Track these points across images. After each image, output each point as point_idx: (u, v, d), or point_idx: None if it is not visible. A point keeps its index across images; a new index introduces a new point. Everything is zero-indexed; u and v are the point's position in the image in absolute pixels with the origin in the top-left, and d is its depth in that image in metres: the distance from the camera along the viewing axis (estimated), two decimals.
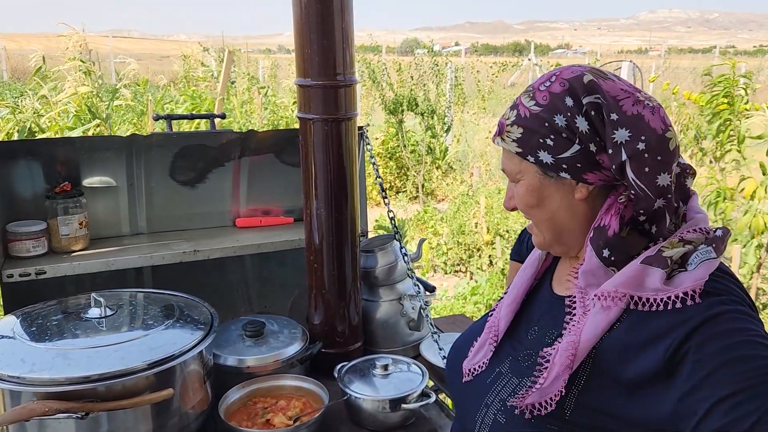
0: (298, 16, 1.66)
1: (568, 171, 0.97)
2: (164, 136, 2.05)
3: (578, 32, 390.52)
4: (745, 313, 0.86)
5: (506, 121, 1.03)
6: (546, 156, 0.98)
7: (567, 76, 0.97)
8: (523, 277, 1.16)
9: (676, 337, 0.85)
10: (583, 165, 0.96)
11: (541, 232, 1.06)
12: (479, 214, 5.88)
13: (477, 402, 1.07)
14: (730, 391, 0.78)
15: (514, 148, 1.01)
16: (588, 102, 0.95)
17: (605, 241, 0.95)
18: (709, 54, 32.46)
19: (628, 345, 0.89)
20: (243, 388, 1.62)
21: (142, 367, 1.34)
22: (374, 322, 1.97)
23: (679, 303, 0.86)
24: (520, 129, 1.00)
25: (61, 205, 1.92)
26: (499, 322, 1.13)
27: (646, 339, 0.88)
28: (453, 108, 9.33)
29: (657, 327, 0.87)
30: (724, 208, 3.91)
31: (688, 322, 0.85)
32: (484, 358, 1.11)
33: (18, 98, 6.79)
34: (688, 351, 0.83)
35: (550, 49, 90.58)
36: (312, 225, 1.79)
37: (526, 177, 1.02)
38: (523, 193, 1.03)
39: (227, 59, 5.80)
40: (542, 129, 0.97)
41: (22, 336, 1.44)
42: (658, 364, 0.85)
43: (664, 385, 0.85)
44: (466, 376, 1.13)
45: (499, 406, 1.02)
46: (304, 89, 1.71)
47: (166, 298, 1.68)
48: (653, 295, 0.89)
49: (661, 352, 0.85)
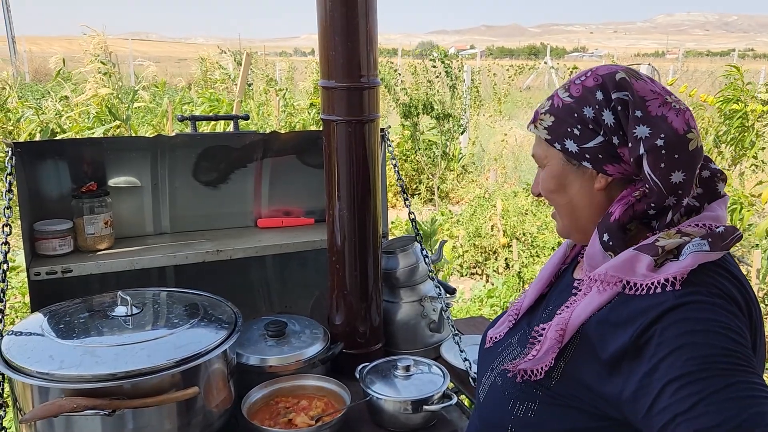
0: (322, 18, 1.67)
1: (590, 161, 1.02)
2: (188, 137, 2.07)
3: (594, 35, 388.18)
4: (719, 306, 0.89)
5: (541, 109, 1.09)
6: (571, 144, 1.03)
7: (602, 72, 1.03)
8: (551, 262, 1.24)
9: (645, 320, 0.89)
10: (605, 156, 1.01)
11: (561, 217, 1.13)
12: (495, 216, 5.86)
13: (487, 366, 1.18)
14: (678, 373, 0.83)
15: (545, 134, 1.07)
16: (616, 97, 0.99)
17: (606, 226, 1.01)
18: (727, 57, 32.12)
19: (607, 324, 0.94)
20: (265, 388, 1.64)
21: (168, 366, 1.35)
22: (395, 323, 1.97)
23: (660, 288, 0.90)
24: (551, 117, 1.06)
25: (86, 204, 1.94)
26: (524, 299, 1.22)
27: (623, 320, 0.92)
28: (469, 111, 9.31)
29: (634, 309, 0.91)
30: (742, 216, 3.87)
31: (659, 306, 0.89)
32: (503, 329, 1.22)
33: (40, 100, 6.89)
34: (654, 334, 0.87)
35: (566, 52, 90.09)
36: (335, 226, 1.80)
37: (551, 163, 1.09)
38: (547, 178, 1.10)
39: (245, 62, 5.83)
40: (571, 119, 1.03)
41: (50, 333, 1.46)
42: (627, 344, 0.89)
43: (632, 365, 0.89)
44: (488, 343, 1.24)
45: (499, 370, 1.12)
46: (328, 91, 1.72)
47: (190, 297, 1.69)
48: (640, 280, 0.93)
49: (630, 333, 0.89)
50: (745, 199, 4.03)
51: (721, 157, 4.92)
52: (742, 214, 3.98)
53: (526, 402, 1.03)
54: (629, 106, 0.98)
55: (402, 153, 8.37)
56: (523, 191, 7.00)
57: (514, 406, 1.05)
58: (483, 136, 9.69)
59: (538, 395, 1.02)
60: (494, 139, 9.56)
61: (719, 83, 5.64)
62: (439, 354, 1.95)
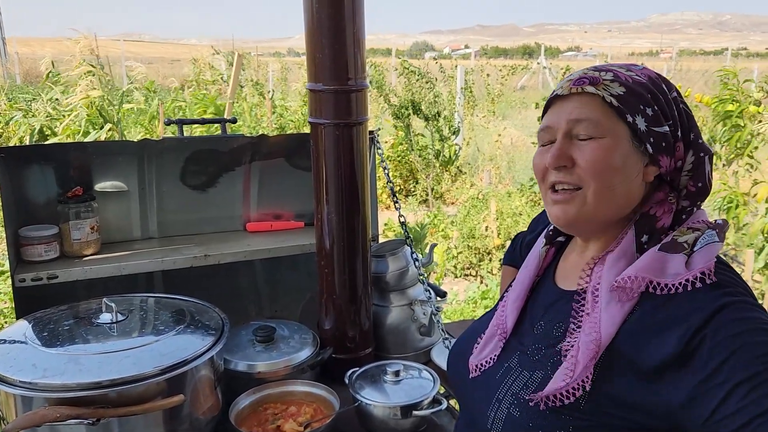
0: (309, 20, 1.66)
1: (653, 145, 0.98)
2: (175, 141, 2.05)
3: (588, 35, 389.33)
4: (752, 303, 0.89)
5: (600, 76, 1.00)
6: (641, 123, 0.97)
7: (650, 72, 1.04)
8: (525, 274, 1.17)
9: (692, 324, 0.86)
10: (666, 146, 0.99)
11: (596, 201, 0.99)
12: (489, 217, 5.86)
13: (488, 397, 1.06)
14: (746, 375, 0.80)
15: (614, 102, 0.98)
16: (674, 96, 1.01)
17: (650, 229, 0.98)
18: (720, 56, 32.26)
19: (642, 331, 0.91)
20: (253, 394, 1.62)
21: (153, 373, 1.34)
22: (385, 327, 1.96)
23: (699, 283, 0.89)
24: (622, 87, 0.98)
25: (73, 209, 1.93)
26: (506, 318, 1.13)
27: (661, 324, 0.90)
28: (462, 111, 9.31)
29: (671, 313, 0.89)
30: (737, 214, 3.88)
31: (702, 309, 0.87)
32: (491, 353, 1.11)
33: (31, 102, 6.85)
34: (705, 338, 0.85)
35: (560, 52, 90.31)
36: (323, 230, 1.79)
37: (615, 136, 0.98)
38: (608, 152, 0.98)
39: (237, 63, 5.81)
40: (646, 96, 0.98)
41: (33, 341, 1.44)
42: (674, 350, 0.86)
43: (680, 372, 0.86)
44: (473, 372, 1.12)
45: (512, 400, 1.01)
46: (315, 94, 1.70)
47: (177, 303, 1.68)
48: (672, 280, 0.91)
49: (677, 338, 0.87)
50: (741, 198, 4.04)
51: (716, 156, 4.93)
52: (737, 212, 3.99)
53: (557, 431, 0.95)
54: (686, 107, 1.01)
55: (396, 154, 8.37)
56: (518, 192, 7.00)
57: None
58: (477, 137, 9.69)
59: (569, 420, 0.94)
60: (488, 139, 9.56)
61: (713, 82, 5.65)
62: (429, 358, 1.93)
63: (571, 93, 1.01)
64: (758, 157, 4.77)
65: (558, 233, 1.18)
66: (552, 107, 1.06)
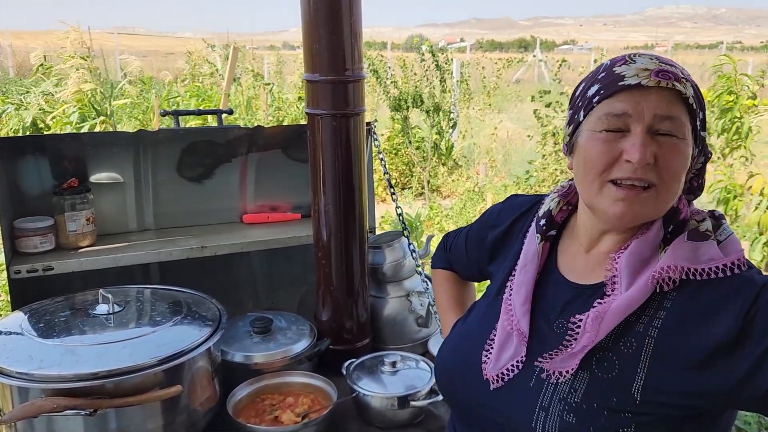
0: (306, 10, 1.65)
1: (698, 145, 1.01)
2: (171, 132, 2.04)
3: (584, 28, 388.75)
4: None
5: (679, 72, 0.97)
6: (699, 125, 1.00)
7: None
8: (526, 275, 1.12)
9: (742, 304, 0.90)
10: (702, 148, 1.03)
11: (666, 200, 0.98)
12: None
13: (527, 407, 1.00)
14: None
15: (693, 103, 0.97)
16: None
17: (675, 221, 1.00)
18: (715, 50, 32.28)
19: (687, 319, 0.93)
20: (251, 385, 1.62)
21: (150, 364, 1.33)
22: (382, 318, 1.96)
23: (737, 269, 0.93)
24: (691, 88, 0.97)
25: (68, 201, 1.92)
26: (518, 322, 1.08)
27: (707, 309, 0.92)
28: (458, 104, 9.31)
29: (716, 296, 0.92)
30: (735, 206, 3.89)
31: (747, 290, 0.91)
32: (513, 359, 1.05)
33: (23, 95, 6.81)
34: (755, 315, 0.88)
35: (556, 45, 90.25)
36: (320, 221, 1.79)
37: (687, 138, 0.97)
38: (684, 154, 0.97)
39: (232, 56, 5.78)
40: (703, 99, 1.01)
41: (30, 332, 1.43)
42: (727, 332, 0.89)
43: (735, 351, 0.89)
44: (495, 383, 1.06)
45: (562, 406, 0.96)
46: (312, 84, 1.70)
47: (174, 295, 1.67)
48: (708, 265, 0.94)
49: (729, 321, 0.89)
50: (739, 189, 4.05)
51: (711, 149, 4.94)
52: (735, 204, 4.01)
53: (620, 430, 0.93)
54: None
55: (393, 147, 8.36)
56: (513, 184, 7.00)
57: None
58: (473, 130, 9.69)
59: (628, 417, 0.92)
60: (484, 132, 9.56)
61: (708, 76, 5.65)
62: (426, 349, 1.93)
63: (659, 86, 0.94)
64: (753, 150, 4.78)
65: (551, 227, 1.14)
66: (625, 94, 0.96)
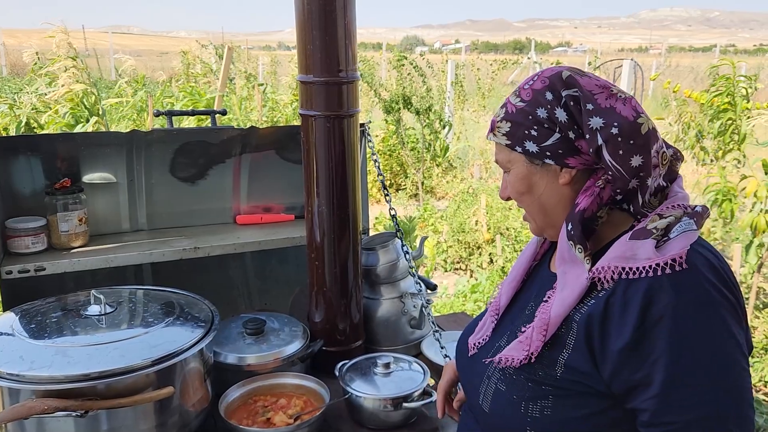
0: (300, 12, 1.65)
1: (551, 157, 1.07)
2: (165, 133, 2.04)
3: (579, 30, 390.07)
4: (705, 302, 0.94)
5: (497, 118, 1.13)
6: (531, 145, 1.08)
7: (547, 74, 1.08)
8: (522, 259, 1.26)
9: (646, 312, 0.94)
10: (564, 151, 1.06)
11: (533, 218, 1.16)
12: (479, 212, 5.87)
13: (480, 375, 1.16)
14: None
15: (504, 141, 1.11)
16: (566, 94, 1.05)
17: (571, 216, 1.06)
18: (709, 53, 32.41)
19: (609, 314, 0.98)
20: (243, 386, 1.62)
21: (142, 365, 1.33)
22: (375, 320, 1.96)
23: (669, 269, 0.94)
24: (508, 123, 1.10)
25: (60, 201, 1.91)
26: (500, 298, 1.24)
27: (622, 309, 0.96)
28: (453, 106, 9.30)
29: (633, 296, 0.95)
30: (728, 208, 3.90)
31: (659, 298, 0.93)
32: (486, 332, 1.22)
33: (16, 94, 6.77)
34: (649, 328, 0.93)
35: (551, 47, 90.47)
36: (313, 222, 1.78)
37: (515, 166, 1.12)
38: (514, 181, 1.13)
39: (227, 56, 5.77)
40: (527, 121, 1.08)
41: (21, 333, 1.43)
42: (629, 337, 0.94)
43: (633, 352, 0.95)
44: (472, 350, 1.23)
45: (499, 375, 1.11)
46: (306, 86, 1.69)
47: (167, 296, 1.67)
48: (641, 264, 0.96)
49: (632, 326, 0.94)
50: (734, 192, 4.06)
51: (704, 152, 4.95)
52: (731, 206, 4.01)
53: (539, 400, 1.04)
54: (580, 101, 1.04)
55: (387, 148, 8.35)
56: None
57: (527, 408, 1.05)
58: (467, 132, 9.69)
59: (549, 390, 1.03)
60: (479, 134, 9.56)
61: (702, 78, 5.68)
62: (419, 351, 1.93)
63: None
64: (745, 152, 4.79)
65: None
66: None
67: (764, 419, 3.13)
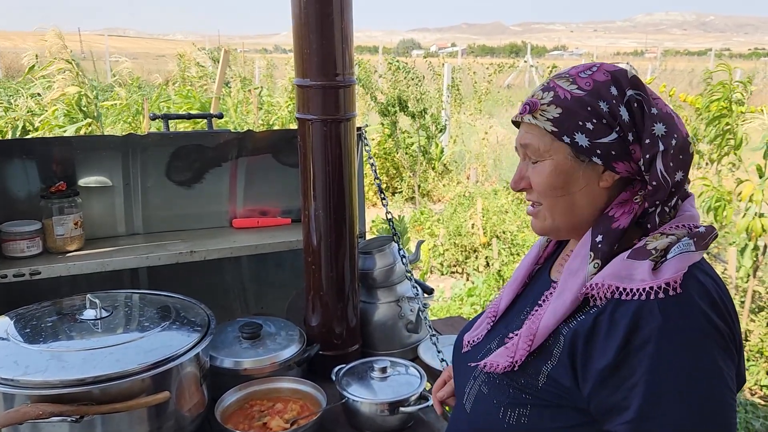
0: (297, 15, 1.65)
1: (600, 157, 0.99)
2: (161, 136, 2.03)
3: (575, 34, 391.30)
4: (693, 336, 0.89)
5: (541, 100, 1.03)
6: (583, 139, 0.99)
7: (609, 68, 1.02)
8: (525, 261, 1.22)
9: (630, 339, 0.90)
10: (617, 153, 0.99)
11: (552, 215, 1.06)
12: (476, 215, 5.87)
13: (467, 375, 1.14)
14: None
15: (549, 126, 1.01)
16: (631, 94, 0.99)
17: (606, 230, 1.00)
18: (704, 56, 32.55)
19: (596, 331, 0.94)
20: (239, 391, 1.61)
21: (137, 370, 1.32)
22: (372, 324, 1.95)
23: (662, 294, 0.90)
24: (558, 109, 1.01)
25: (56, 204, 1.90)
26: (500, 300, 1.20)
27: (609, 329, 0.92)
28: (449, 109, 9.31)
29: (623, 318, 0.91)
30: (725, 212, 3.90)
31: (642, 327, 0.89)
32: (481, 332, 1.19)
33: (12, 97, 6.75)
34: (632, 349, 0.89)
35: (547, 51, 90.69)
36: (310, 226, 1.78)
37: (554, 157, 1.02)
38: (549, 174, 1.03)
39: (223, 59, 5.76)
40: (584, 112, 0.99)
41: (15, 337, 1.42)
42: (610, 361, 0.91)
43: (613, 374, 0.91)
44: (465, 347, 1.21)
45: (484, 378, 1.09)
46: (303, 89, 1.69)
47: (162, 300, 1.66)
48: (637, 285, 0.92)
49: (615, 349, 0.90)
50: (729, 196, 4.07)
51: (699, 156, 4.96)
52: (726, 211, 4.02)
53: (518, 408, 1.02)
54: (644, 104, 0.98)
55: (383, 151, 8.36)
56: (504, 189, 7.01)
57: (505, 414, 1.02)
58: (464, 135, 9.70)
59: (528, 399, 1.01)
60: (475, 137, 9.57)
61: (697, 83, 5.70)
62: (416, 355, 1.93)
63: (521, 120, 1.06)
64: (742, 156, 4.81)
65: None
66: None
67: (760, 423, 3.13)
